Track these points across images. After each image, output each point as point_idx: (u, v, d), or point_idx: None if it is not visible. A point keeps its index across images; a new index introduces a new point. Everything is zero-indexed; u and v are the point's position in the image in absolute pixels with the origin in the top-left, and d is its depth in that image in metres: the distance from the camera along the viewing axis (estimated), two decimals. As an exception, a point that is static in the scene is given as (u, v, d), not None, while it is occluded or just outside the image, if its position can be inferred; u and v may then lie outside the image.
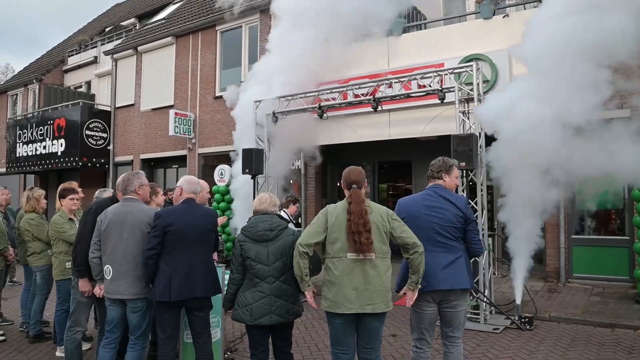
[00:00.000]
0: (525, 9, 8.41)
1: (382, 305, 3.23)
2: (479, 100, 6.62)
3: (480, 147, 6.54)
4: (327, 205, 3.44)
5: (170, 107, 13.65)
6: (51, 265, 5.29)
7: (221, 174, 11.04)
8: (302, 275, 3.31)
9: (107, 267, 3.85)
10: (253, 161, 8.19)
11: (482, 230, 6.55)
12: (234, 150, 9.55)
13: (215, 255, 5.70)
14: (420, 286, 3.35)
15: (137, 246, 3.81)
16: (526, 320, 6.09)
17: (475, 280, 6.37)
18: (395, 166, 12.61)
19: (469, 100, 6.76)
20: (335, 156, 10.58)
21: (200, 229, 3.86)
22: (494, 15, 8.32)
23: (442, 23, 9.23)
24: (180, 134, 12.92)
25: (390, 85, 7.45)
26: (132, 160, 14.95)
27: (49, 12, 67.28)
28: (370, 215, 3.24)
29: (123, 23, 19.06)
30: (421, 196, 3.70)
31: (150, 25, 16.29)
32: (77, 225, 4.80)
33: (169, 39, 14.18)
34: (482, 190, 6.60)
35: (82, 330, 4.51)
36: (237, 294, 3.68)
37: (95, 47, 17.81)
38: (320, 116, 7.81)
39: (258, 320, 3.52)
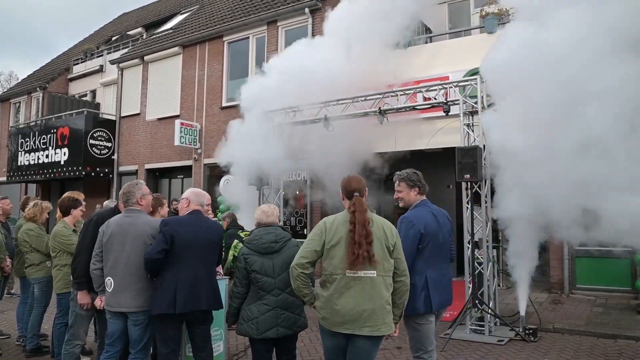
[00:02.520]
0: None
1: (382, 327, 2.99)
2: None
3: (485, 159, 6.64)
4: (325, 218, 3.21)
5: (176, 117, 13.69)
6: (50, 277, 5.18)
7: (226, 184, 11.11)
8: (302, 297, 3.17)
9: (109, 279, 3.78)
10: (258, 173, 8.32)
11: (487, 242, 6.63)
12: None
13: (219, 267, 5.76)
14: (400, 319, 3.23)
15: (140, 258, 3.72)
16: (530, 331, 6.14)
17: (480, 292, 6.45)
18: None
19: (474, 113, 6.87)
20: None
21: (207, 241, 3.85)
22: (498, 29, 8.44)
23: (447, 37, 9.37)
24: (185, 144, 12.95)
25: (396, 98, 7.55)
26: (137, 170, 14.94)
27: (57, 17, 67.60)
28: (372, 227, 3.02)
29: (130, 32, 19.19)
30: (428, 212, 3.65)
31: (157, 35, 16.43)
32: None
33: (175, 48, 14.29)
34: (486, 202, 6.68)
35: (81, 344, 4.47)
36: (242, 308, 3.65)
37: (101, 55, 17.92)
38: (327, 127, 7.91)
39: (265, 333, 3.51)
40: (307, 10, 11.43)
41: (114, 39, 19.87)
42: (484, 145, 6.64)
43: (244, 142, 8.65)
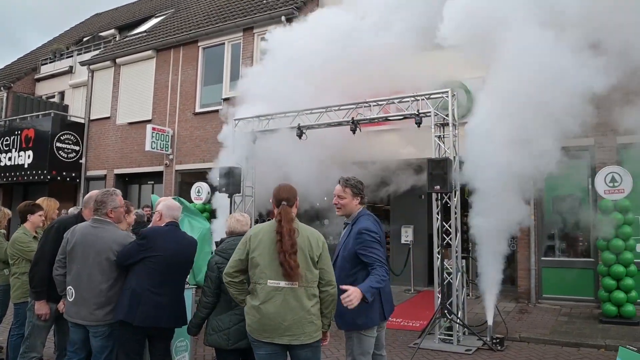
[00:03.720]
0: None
1: (301, 336, 3.02)
2: (454, 126, 6.86)
3: (455, 171, 6.75)
4: (251, 228, 3.28)
5: (148, 121, 13.50)
6: (8, 286, 4.99)
7: (198, 191, 10.98)
8: (240, 304, 3.25)
9: (70, 289, 3.67)
10: (230, 180, 8.24)
11: (456, 252, 6.73)
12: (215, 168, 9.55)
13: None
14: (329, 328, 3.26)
15: (103, 275, 3.61)
16: (497, 340, 6.25)
17: (448, 302, 6.53)
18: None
19: (445, 125, 6.99)
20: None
21: (182, 259, 3.78)
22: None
23: (420, 49, 9.47)
24: (157, 149, 12.76)
25: (369, 109, 7.61)
26: (106, 175, 14.64)
27: (26, 13, 65.50)
28: (297, 238, 3.06)
29: (102, 33, 18.85)
30: (375, 219, 3.61)
31: (131, 38, 16.19)
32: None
33: (149, 52, 14.12)
34: (456, 213, 6.79)
35: (37, 356, 4.31)
36: (210, 318, 3.58)
37: (71, 56, 17.51)
38: (300, 136, 7.91)
39: (237, 344, 3.44)
40: (283, 18, 11.46)
41: (85, 39, 19.48)
42: (454, 157, 6.76)
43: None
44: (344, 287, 3.07)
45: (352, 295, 3.00)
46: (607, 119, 7.54)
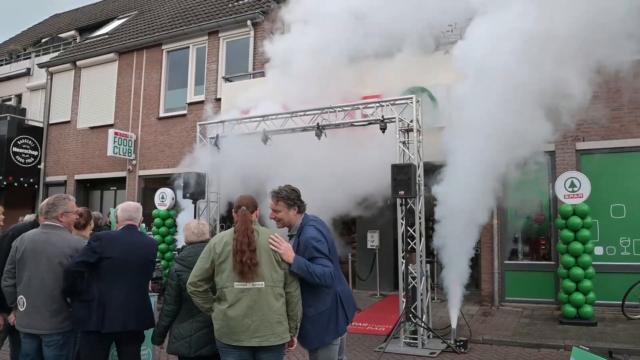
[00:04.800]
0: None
1: (271, 337, 3.04)
2: (418, 132, 6.92)
3: (419, 177, 6.81)
4: (216, 235, 3.32)
5: (110, 126, 13.23)
6: None
7: (162, 197, 10.73)
8: (206, 312, 3.23)
9: (21, 298, 3.56)
10: (194, 186, 8.10)
11: (421, 257, 6.78)
12: (178, 173, 9.38)
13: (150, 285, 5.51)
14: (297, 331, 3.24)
15: (56, 281, 3.51)
16: (461, 343, 6.33)
17: (413, 306, 6.57)
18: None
19: (409, 131, 7.05)
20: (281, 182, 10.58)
21: (140, 259, 3.71)
22: (435, 50, 8.75)
23: (386, 55, 9.55)
24: (119, 154, 12.50)
25: (334, 114, 7.61)
26: (66, 181, 14.25)
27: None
28: (258, 239, 3.10)
29: (62, 35, 18.36)
30: (321, 227, 3.48)
31: (92, 40, 15.81)
32: None
33: (111, 55, 13.81)
34: (420, 218, 6.85)
35: None
36: (172, 327, 3.54)
37: (29, 58, 16.97)
38: (265, 142, 7.84)
39: (199, 351, 3.42)
40: (249, 22, 11.40)
41: (43, 40, 18.95)
42: (418, 163, 6.82)
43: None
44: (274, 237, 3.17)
45: (284, 246, 3.14)
46: (567, 126, 7.76)
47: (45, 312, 3.51)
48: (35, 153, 14.71)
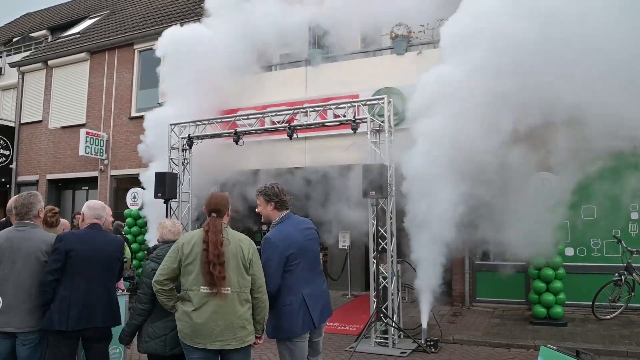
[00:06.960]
0: (435, 47, 8.96)
1: (232, 342, 3.06)
2: (390, 132, 6.93)
3: (390, 177, 6.81)
4: (182, 236, 3.31)
5: (82, 125, 13.04)
6: None
7: (134, 197, 10.58)
8: (169, 310, 3.25)
9: None
10: (166, 185, 7.97)
11: (392, 257, 6.78)
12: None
13: (121, 284, 5.42)
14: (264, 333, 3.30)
15: (33, 277, 3.51)
16: (432, 343, 6.33)
17: (384, 306, 6.56)
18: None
19: (380, 131, 7.05)
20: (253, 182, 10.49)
21: (105, 256, 3.72)
22: (406, 51, 8.79)
23: (359, 56, 9.59)
24: (91, 154, 12.35)
25: (306, 114, 7.57)
26: (38, 181, 14.01)
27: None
28: (228, 247, 3.10)
29: (33, 34, 18.00)
30: (293, 227, 3.53)
31: (64, 39, 15.55)
32: None
33: (83, 54, 13.62)
34: (391, 219, 6.85)
35: None
36: (144, 326, 3.51)
37: (0, 57, 16.61)
38: (236, 142, 7.76)
39: (174, 350, 3.41)
40: (221, 22, 11.24)
41: (15, 40, 18.58)
42: (389, 164, 6.82)
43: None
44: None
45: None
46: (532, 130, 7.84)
47: (22, 309, 3.49)
48: (6, 152, 14.49)
